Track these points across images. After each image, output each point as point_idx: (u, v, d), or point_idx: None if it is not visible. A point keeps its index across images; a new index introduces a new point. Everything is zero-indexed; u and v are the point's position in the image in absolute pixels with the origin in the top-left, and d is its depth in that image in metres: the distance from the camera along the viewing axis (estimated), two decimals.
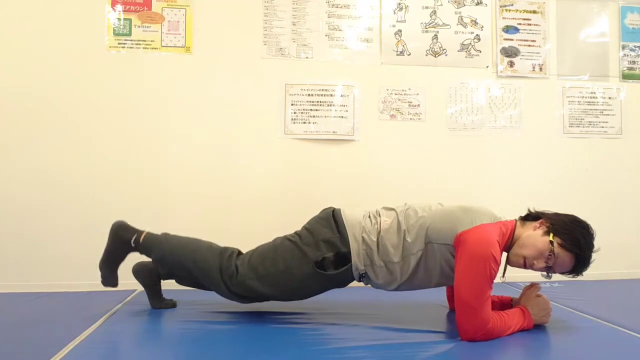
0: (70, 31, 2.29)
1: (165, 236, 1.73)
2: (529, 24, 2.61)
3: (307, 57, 2.45)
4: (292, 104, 2.42)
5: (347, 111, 2.45)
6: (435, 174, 2.49)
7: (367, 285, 1.64)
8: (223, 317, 1.67)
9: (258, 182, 2.37)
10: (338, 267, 1.55)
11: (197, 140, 2.35)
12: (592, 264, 1.50)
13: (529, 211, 1.59)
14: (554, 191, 2.54)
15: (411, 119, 2.50)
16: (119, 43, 2.33)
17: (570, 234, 1.46)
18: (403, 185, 2.44)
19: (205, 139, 2.35)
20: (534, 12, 2.62)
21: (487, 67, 2.57)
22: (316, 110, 2.43)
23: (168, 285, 1.83)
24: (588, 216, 1.53)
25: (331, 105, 2.44)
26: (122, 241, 1.70)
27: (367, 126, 2.46)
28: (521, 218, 1.59)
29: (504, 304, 1.67)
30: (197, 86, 2.36)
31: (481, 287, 1.39)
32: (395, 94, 2.49)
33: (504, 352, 1.37)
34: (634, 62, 2.68)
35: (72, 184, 2.26)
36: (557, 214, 1.53)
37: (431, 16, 2.53)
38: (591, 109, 2.64)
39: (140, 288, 1.87)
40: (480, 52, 2.56)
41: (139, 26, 2.35)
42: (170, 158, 2.34)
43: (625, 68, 2.67)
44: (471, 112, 2.55)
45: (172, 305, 1.81)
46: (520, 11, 2.61)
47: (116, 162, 2.29)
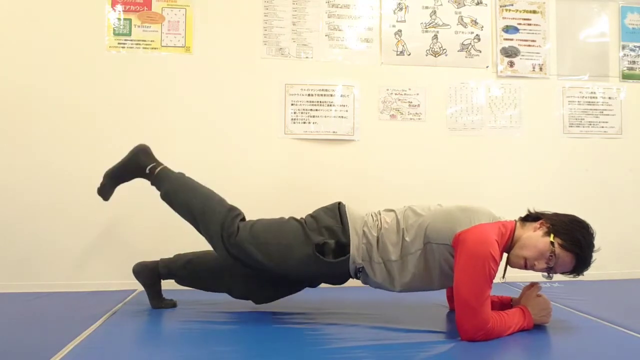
0: (70, 31, 2.29)
1: (181, 175, 1.75)
2: (529, 24, 2.61)
3: (307, 57, 2.45)
4: (292, 104, 2.42)
5: (347, 111, 2.45)
6: (435, 174, 2.48)
7: (365, 284, 1.64)
8: (223, 317, 1.68)
9: (258, 182, 2.37)
10: (336, 256, 1.55)
11: (197, 140, 2.35)
12: (592, 264, 1.50)
13: (529, 211, 1.59)
14: (554, 191, 2.54)
15: (411, 119, 2.50)
16: (119, 43, 2.33)
17: (570, 234, 1.46)
18: (403, 185, 2.44)
19: (205, 139, 2.35)
20: (534, 12, 2.62)
21: (487, 67, 2.57)
22: (316, 110, 2.43)
23: (168, 285, 1.83)
24: (588, 216, 1.53)
25: (331, 105, 2.44)
26: (139, 164, 1.73)
27: (367, 126, 2.46)
28: (521, 219, 1.59)
29: (504, 304, 1.67)
30: (197, 86, 2.36)
31: (481, 287, 1.39)
32: (395, 94, 2.49)
33: (504, 352, 1.37)
34: (634, 62, 2.68)
35: (72, 184, 2.25)
36: (557, 214, 1.53)
37: (431, 16, 2.53)
38: (591, 109, 2.64)
39: (140, 288, 1.87)
40: (480, 52, 2.56)
41: (139, 26, 2.35)
42: (170, 158, 2.32)
43: (625, 68, 2.67)
44: (471, 112, 2.55)
45: (172, 305, 1.81)
46: (520, 11, 2.61)
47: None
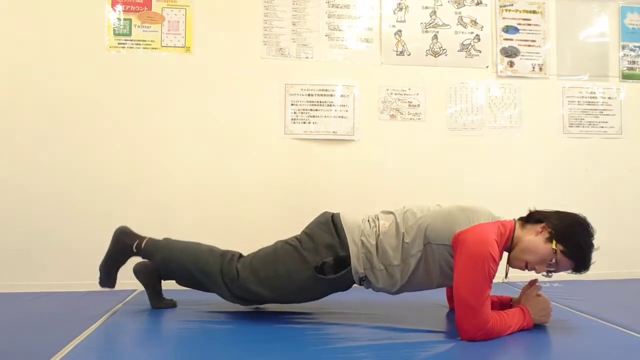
0: (70, 31, 2.29)
1: (166, 241, 1.75)
2: (529, 24, 2.61)
3: (307, 57, 2.45)
4: (292, 104, 2.42)
5: (347, 111, 2.45)
6: (435, 174, 2.49)
7: (369, 289, 1.64)
8: (223, 317, 1.67)
9: (258, 182, 2.37)
10: (338, 271, 1.55)
11: (197, 140, 2.35)
12: (593, 264, 1.51)
13: (529, 211, 1.59)
14: (554, 191, 2.54)
15: (411, 119, 2.50)
16: (119, 43, 2.33)
17: (572, 240, 1.47)
18: (403, 185, 2.44)
19: (205, 139, 2.35)
20: (534, 12, 2.62)
21: (487, 67, 2.57)
22: (316, 110, 2.43)
23: (168, 285, 1.82)
24: (588, 216, 1.53)
25: (331, 105, 2.44)
26: (124, 247, 1.73)
27: (367, 126, 2.46)
28: (521, 219, 1.59)
29: (504, 304, 1.67)
30: (197, 86, 2.36)
31: (480, 287, 1.39)
32: (395, 94, 2.49)
33: (504, 352, 1.37)
34: (634, 62, 2.68)
35: (72, 184, 2.26)
36: (559, 215, 1.53)
37: (431, 16, 2.53)
38: (591, 109, 2.64)
39: (140, 288, 1.87)
40: (480, 52, 2.56)
41: (139, 26, 2.35)
42: (170, 158, 2.34)
43: (625, 68, 2.67)
44: (471, 112, 2.55)
45: (172, 305, 1.81)
46: (520, 11, 2.61)
47: (116, 162, 2.29)
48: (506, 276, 1.56)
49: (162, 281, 1.81)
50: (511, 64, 2.59)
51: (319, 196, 2.36)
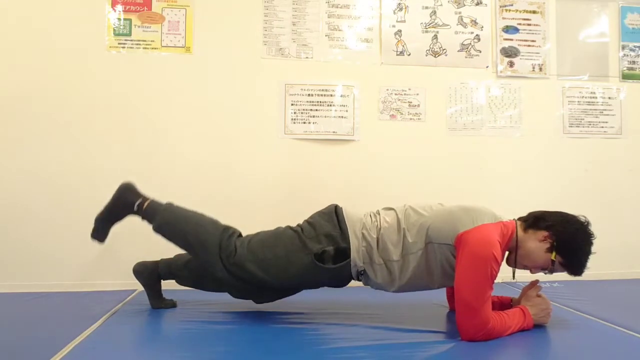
0: (70, 31, 2.29)
1: (169, 205, 1.72)
2: (529, 24, 2.61)
3: (307, 57, 2.45)
4: (292, 104, 2.42)
5: (347, 111, 2.45)
6: (435, 174, 2.49)
7: (367, 285, 1.63)
8: (223, 317, 1.68)
9: (258, 182, 2.37)
10: (337, 262, 1.54)
11: (197, 140, 2.35)
12: (593, 264, 1.52)
13: (533, 214, 1.57)
14: (554, 191, 2.54)
15: (411, 119, 2.50)
16: (119, 43, 2.33)
17: (572, 254, 1.48)
18: (403, 185, 2.44)
19: (205, 139, 2.35)
20: (534, 12, 2.62)
21: (487, 67, 2.57)
22: (316, 110, 2.43)
23: (168, 285, 1.83)
24: (588, 215, 1.53)
25: (331, 105, 2.44)
26: (126, 203, 1.70)
27: (367, 126, 2.46)
28: (521, 219, 1.59)
29: (504, 304, 1.67)
30: (197, 86, 2.36)
31: (482, 287, 1.39)
32: (395, 94, 2.49)
33: (504, 352, 1.37)
34: (634, 62, 2.68)
35: (72, 184, 2.26)
36: (563, 224, 1.50)
37: (431, 16, 2.53)
38: (591, 109, 2.64)
39: (140, 288, 1.87)
40: (480, 52, 2.56)
41: (139, 26, 2.35)
42: (170, 158, 2.34)
43: (625, 68, 2.67)
44: (471, 112, 2.55)
45: (172, 305, 1.81)
46: (520, 11, 2.61)
47: (116, 162, 2.29)
48: (513, 277, 1.57)
49: (162, 281, 1.81)
50: (511, 64, 2.59)
51: (319, 196, 2.35)
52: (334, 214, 1.62)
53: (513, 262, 1.56)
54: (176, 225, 1.67)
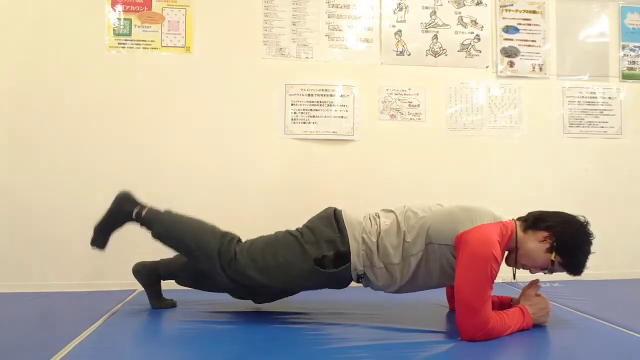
0: (70, 31, 2.29)
1: (168, 212, 1.72)
2: (529, 24, 2.61)
3: (307, 57, 2.45)
4: (292, 104, 2.42)
5: (347, 111, 2.45)
6: (435, 174, 2.48)
7: (367, 287, 1.63)
8: (223, 317, 1.68)
9: (258, 182, 2.37)
10: (337, 266, 1.54)
11: (197, 140, 2.35)
12: (592, 264, 1.52)
13: (532, 214, 1.57)
14: (554, 191, 2.54)
15: (411, 119, 2.50)
16: (119, 43, 2.33)
17: (572, 255, 1.48)
18: (403, 185, 2.44)
19: (205, 139, 2.35)
20: (534, 12, 2.62)
21: (487, 67, 2.57)
22: (316, 110, 2.43)
23: (168, 285, 1.83)
24: (588, 216, 1.53)
25: (331, 105, 2.44)
26: (124, 211, 1.70)
27: (367, 126, 2.46)
28: (520, 219, 1.59)
29: (504, 304, 1.67)
30: (197, 86, 2.36)
31: (482, 287, 1.39)
32: (395, 94, 2.49)
33: (504, 352, 1.37)
34: (634, 62, 2.68)
35: (72, 184, 2.26)
36: (563, 225, 1.50)
37: (431, 16, 2.53)
38: (591, 109, 2.64)
39: (140, 288, 1.87)
40: (480, 52, 2.56)
41: (139, 26, 2.35)
42: (170, 158, 2.34)
43: (625, 68, 2.67)
44: (471, 112, 2.55)
45: (172, 305, 1.81)
46: (520, 11, 2.61)
47: (116, 162, 2.29)
48: (514, 277, 1.57)
49: (162, 281, 1.81)
50: (511, 64, 2.59)
51: (319, 196, 2.35)
52: (333, 218, 1.61)
53: (513, 262, 1.56)
54: (175, 232, 1.66)
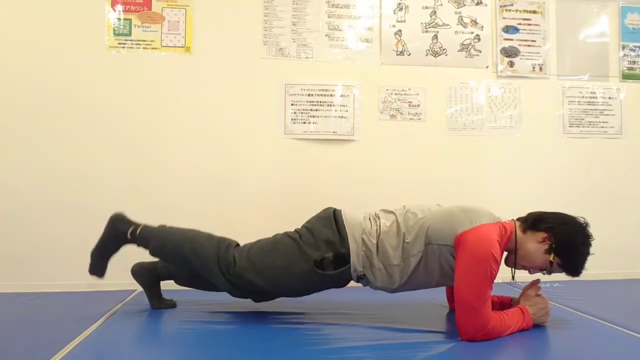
0: (70, 31, 2.29)
1: (162, 227, 1.72)
2: (529, 24, 2.61)
3: (307, 57, 2.45)
4: (292, 104, 2.42)
5: (347, 111, 2.45)
6: (435, 174, 2.48)
7: (366, 286, 1.64)
8: (223, 317, 1.68)
9: (258, 182, 2.37)
10: (337, 268, 1.54)
11: (197, 140, 2.35)
12: (592, 264, 1.52)
13: (531, 215, 1.57)
14: (554, 191, 2.54)
15: (411, 119, 2.50)
16: (119, 43, 2.33)
17: (571, 256, 1.48)
18: (403, 185, 2.44)
19: (205, 139, 2.35)
20: (534, 12, 2.62)
21: (487, 67, 2.57)
22: (316, 110, 2.43)
23: (168, 285, 1.83)
24: (588, 216, 1.53)
25: (331, 105, 2.44)
26: (118, 233, 1.69)
27: (367, 126, 2.46)
28: (520, 220, 1.59)
29: (504, 304, 1.67)
30: (197, 86, 2.36)
31: (482, 287, 1.39)
32: (395, 94, 2.49)
33: (504, 352, 1.37)
34: (634, 62, 2.68)
35: (72, 184, 2.25)
36: (562, 226, 1.50)
37: (431, 16, 2.53)
38: (591, 109, 2.64)
39: (140, 288, 1.87)
40: (480, 52, 2.56)
41: (139, 26, 2.35)
42: (169, 158, 2.34)
43: (625, 68, 2.67)
44: (471, 112, 2.55)
45: (172, 305, 1.81)
46: (520, 11, 2.61)
47: (116, 162, 2.29)
48: (513, 278, 1.57)
49: (162, 281, 1.81)
50: (511, 64, 2.59)
51: (319, 196, 2.35)
52: (333, 219, 1.61)
53: (512, 263, 1.56)
54: (171, 246, 1.66)
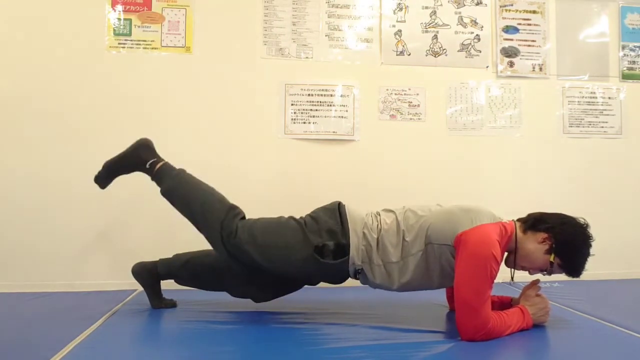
0: (70, 31, 2.29)
1: (181, 172, 1.74)
2: (529, 24, 2.61)
3: (307, 57, 2.45)
4: (292, 104, 2.42)
5: (347, 111, 2.45)
6: (435, 174, 2.48)
7: (364, 284, 1.63)
8: (223, 317, 1.68)
9: (258, 182, 2.37)
10: (336, 258, 1.54)
11: (197, 140, 2.35)
12: (592, 264, 1.52)
13: (532, 215, 1.57)
14: (554, 191, 2.54)
15: (411, 119, 2.50)
16: (119, 43, 2.33)
17: (571, 257, 1.49)
18: (403, 185, 2.44)
19: (205, 139, 2.35)
20: (534, 12, 2.62)
21: (487, 67, 2.57)
22: (316, 110, 2.43)
23: (168, 285, 1.83)
24: (588, 216, 1.54)
25: (331, 105, 2.44)
26: (140, 158, 1.72)
27: (367, 126, 2.46)
28: (520, 220, 1.59)
29: (504, 304, 1.67)
30: (197, 86, 2.36)
31: (482, 287, 1.39)
32: (395, 94, 2.49)
33: (504, 352, 1.37)
34: (634, 62, 2.68)
35: (72, 184, 2.25)
36: (562, 227, 1.50)
37: (431, 16, 2.53)
38: (591, 109, 2.64)
39: (140, 288, 1.87)
40: (480, 52, 2.56)
41: (139, 26, 2.35)
42: (169, 158, 2.32)
43: (625, 68, 2.67)
44: (471, 112, 2.55)
45: (172, 305, 1.82)
46: (520, 11, 2.61)
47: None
48: (512, 279, 1.57)
49: (162, 281, 1.81)
50: (511, 64, 2.59)
51: (319, 196, 2.33)
52: (337, 211, 1.62)
53: (512, 263, 1.56)
54: (183, 193, 1.68)
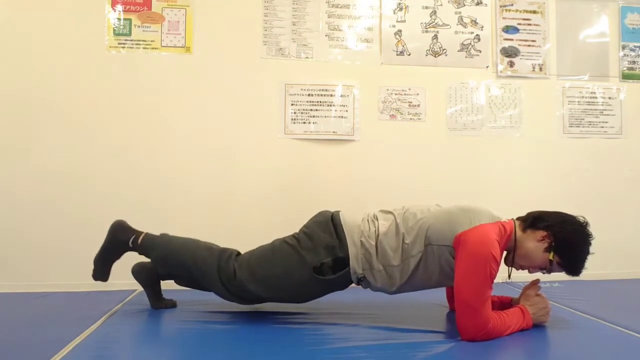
0: (70, 31, 2.29)
1: (164, 237, 1.74)
2: (529, 24, 2.61)
3: (307, 57, 2.45)
4: (292, 104, 2.42)
5: (347, 111, 2.45)
6: (435, 174, 2.49)
7: (366, 288, 1.63)
8: (223, 317, 1.67)
9: (258, 182, 2.37)
10: (336, 272, 1.54)
11: (197, 140, 2.35)
12: (592, 264, 1.52)
13: (531, 214, 1.57)
14: (554, 191, 2.54)
15: (411, 119, 2.50)
16: (119, 43, 2.33)
17: (570, 254, 1.49)
18: (403, 185, 2.44)
19: (205, 139, 2.35)
20: (534, 12, 2.62)
21: (487, 67, 2.57)
22: (316, 110, 2.43)
23: (168, 285, 1.82)
24: (587, 216, 1.54)
25: (331, 105, 2.44)
26: (120, 241, 1.71)
27: (367, 126, 2.46)
28: (519, 219, 1.59)
29: (504, 304, 1.67)
30: (197, 86, 2.36)
31: (482, 287, 1.39)
32: (395, 94, 2.49)
33: (504, 352, 1.37)
34: (634, 62, 2.68)
35: (72, 184, 2.25)
36: (561, 225, 1.50)
37: (431, 16, 2.53)
38: (591, 109, 2.64)
39: (140, 288, 1.87)
40: (480, 52, 2.56)
41: (139, 26, 2.35)
42: (170, 158, 2.34)
43: (625, 68, 2.67)
44: (471, 112, 2.55)
45: (172, 305, 1.81)
46: (520, 11, 2.61)
47: (115, 162, 2.29)
48: (509, 277, 1.57)
49: (162, 281, 1.81)
50: (511, 64, 2.59)
51: (319, 196, 2.35)
52: (331, 222, 1.61)
53: (511, 262, 1.56)
54: (173, 255, 1.69)
